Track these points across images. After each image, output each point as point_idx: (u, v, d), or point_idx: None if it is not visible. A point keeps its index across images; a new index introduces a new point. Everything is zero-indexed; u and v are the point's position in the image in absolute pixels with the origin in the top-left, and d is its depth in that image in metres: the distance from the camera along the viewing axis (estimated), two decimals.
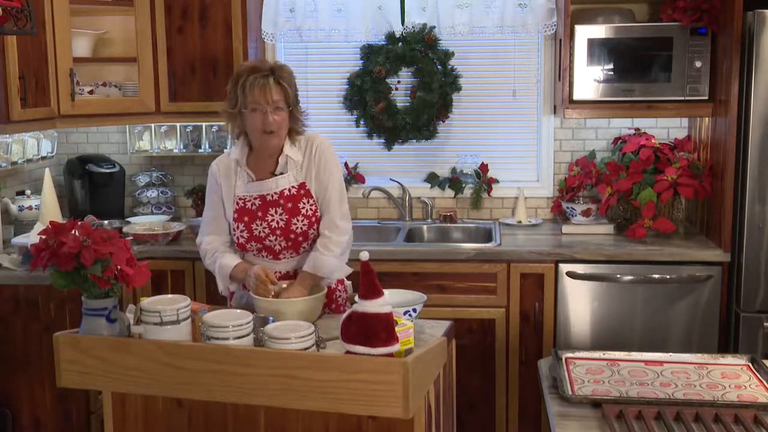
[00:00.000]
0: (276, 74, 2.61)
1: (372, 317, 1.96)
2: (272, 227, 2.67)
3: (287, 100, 2.63)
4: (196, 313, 2.15)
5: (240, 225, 2.70)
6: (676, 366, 2.42)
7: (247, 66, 2.66)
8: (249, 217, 2.69)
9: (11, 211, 3.82)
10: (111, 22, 4.03)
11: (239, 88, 2.59)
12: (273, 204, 2.68)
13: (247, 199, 2.70)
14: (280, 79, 2.60)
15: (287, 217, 2.67)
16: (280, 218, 2.67)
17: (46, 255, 2.05)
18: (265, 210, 2.68)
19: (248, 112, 2.60)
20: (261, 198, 2.69)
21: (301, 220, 2.68)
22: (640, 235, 3.48)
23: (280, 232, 2.67)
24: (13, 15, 2.61)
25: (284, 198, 2.68)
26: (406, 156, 4.19)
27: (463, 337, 3.36)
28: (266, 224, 2.67)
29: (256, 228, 2.68)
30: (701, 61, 3.46)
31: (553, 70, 3.97)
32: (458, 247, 3.54)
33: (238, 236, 2.70)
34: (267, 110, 2.59)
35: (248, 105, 2.59)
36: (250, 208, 2.69)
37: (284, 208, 2.68)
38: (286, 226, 2.67)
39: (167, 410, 2.20)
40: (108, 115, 3.80)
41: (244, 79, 2.59)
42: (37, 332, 3.23)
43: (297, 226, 2.67)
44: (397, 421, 2.03)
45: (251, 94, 2.58)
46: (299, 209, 2.68)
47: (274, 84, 2.59)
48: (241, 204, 2.70)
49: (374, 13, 3.96)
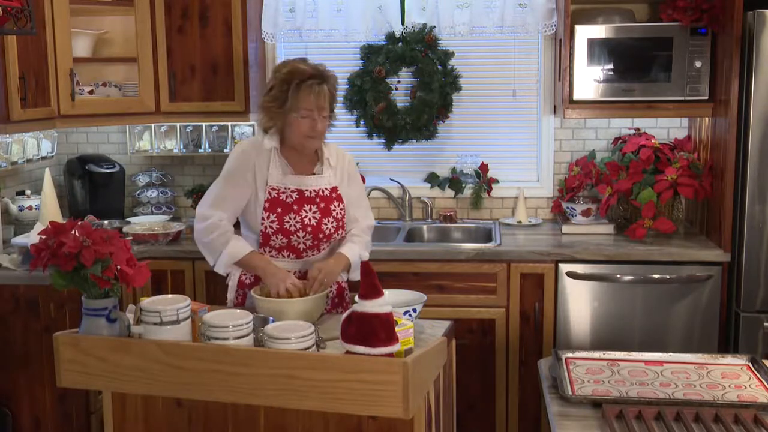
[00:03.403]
0: (328, 82, 2.63)
1: (372, 317, 1.96)
2: (304, 223, 2.68)
3: (332, 107, 2.68)
4: (196, 313, 2.15)
5: (271, 215, 2.68)
6: (676, 366, 2.42)
7: (301, 68, 2.62)
8: (282, 209, 2.68)
9: (11, 211, 3.82)
10: (111, 22, 4.03)
11: (292, 91, 2.58)
12: (309, 201, 2.70)
13: (281, 191, 2.69)
14: (330, 86, 2.63)
15: (320, 216, 2.70)
16: (313, 216, 2.70)
17: (46, 255, 2.05)
18: (300, 205, 2.69)
19: (298, 116, 2.61)
20: (299, 192, 2.70)
21: (331, 221, 2.73)
22: (640, 235, 3.48)
23: (311, 229, 2.69)
24: (13, 15, 2.62)
25: (320, 197, 2.72)
26: (406, 156, 4.19)
27: (463, 337, 3.36)
28: (299, 219, 2.68)
29: (288, 221, 2.68)
30: (701, 61, 3.46)
31: (553, 70, 3.97)
32: (458, 247, 3.54)
33: (267, 225, 2.68)
34: (316, 117, 2.60)
35: (299, 110, 2.60)
36: (285, 200, 2.69)
37: (318, 206, 2.71)
38: (317, 225, 2.70)
39: (167, 410, 2.20)
40: (108, 115, 3.80)
41: (298, 82, 2.58)
42: (37, 332, 3.23)
43: (327, 227, 2.72)
44: (397, 421, 2.03)
45: (305, 101, 2.58)
46: (330, 210, 2.73)
47: (326, 90, 2.61)
48: (274, 194, 2.69)
49: (374, 13, 3.96)
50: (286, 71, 2.63)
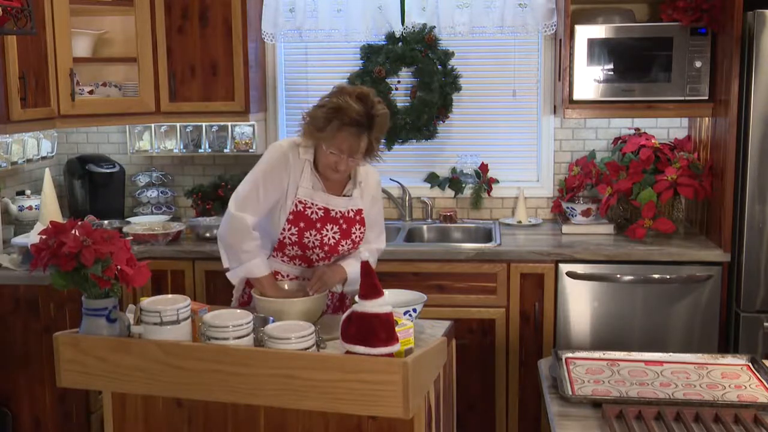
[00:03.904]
0: (373, 132, 2.52)
1: (372, 317, 1.96)
2: (323, 242, 2.66)
3: (369, 151, 2.58)
4: (196, 313, 2.15)
5: (293, 228, 2.64)
6: (676, 366, 2.42)
7: (351, 109, 2.47)
8: (305, 224, 2.64)
9: (11, 211, 3.82)
10: (111, 22, 4.03)
11: (331, 126, 2.49)
12: (333, 221, 2.67)
13: (308, 205, 2.64)
14: (373, 137, 2.54)
15: (339, 237, 2.68)
16: (333, 235, 2.67)
17: (46, 255, 2.05)
18: (324, 223, 2.66)
19: (326, 150, 2.55)
20: (325, 210, 2.66)
21: (348, 243, 2.71)
22: (640, 235, 3.48)
23: (329, 248, 2.68)
24: (13, 15, 2.62)
25: (344, 218, 2.69)
26: (406, 156, 4.19)
27: (463, 337, 3.36)
28: (319, 237, 2.65)
29: (308, 237, 2.64)
30: (701, 61, 3.46)
31: (553, 70, 3.97)
32: (458, 247, 3.54)
33: (287, 236, 2.65)
34: (344, 158, 2.54)
35: (330, 147, 2.53)
36: (310, 215, 2.64)
37: (340, 227, 2.69)
38: (335, 245, 2.68)
39: (167, 410, 2.20)
40: (108, 115, 3.80)
41: (339, 123, 2.47)
42: (37, 332, 3.23)
43: (343, 248, 2.71)
44: (397, 421, 2.03)
45: (338, 142, 2.50)
46: (351, 233, 2.71)
47: (366, 138, 2.52)
48: (300, 207, 2.63)
49: (374, 13, 3.96)
50: (336, 103, 2.49)
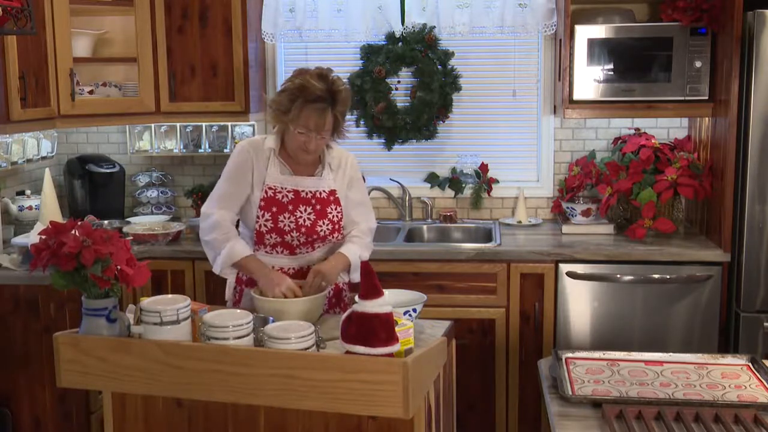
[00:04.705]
0: (336, 107, 2.60)
1: (372, 317, 1.96)
2: (298, 223, 2.70)
3: (336, 127, 2.66)
4: (196, 313, 2.15)
5: (266, 214, 2.69)
6: (676, 366, 2.42)
7: (313, 86, 2.56)
8: (277, 208, 2.70)
9: (11, 211, 3.82)
10: (111, 22, 4.03)
11: (296, 106, 2.57)
12: (305, 202, 2.71)
13: (278, 190, 2.71)
14: (338, 111, 2.62)
15: (315, 218, 2.71)
16: (308, 217, 2.71)
17: (46, 255, 2.05)
18: (296, 205, 2.70)
19: (294, 131, 2.61)
20: (295, 192, 2.71)
21: (326, 224, 2.73)
22: (640, 235, 3.48)
23: (305, 230, 2.71)
24: (13, 15, 2.62)
25: (316, 199, 2.72)
26: (406, 156, 4.19)
27: (463, 337, 3.36)
28: (294, 219, 2.69)
29: (282, 221, 2.69)
30: (701, 61, 3.46)
31: (553, 70, 3.97)
32: (458, 247, 3.54)
33: (262, 224, 2.70)
34: (312, 136, 2.60)
35: (297, 126, 2.59)
36: (281, 199, 2.70)
37: (313, 208, 2.72)
38: (312, 226, 2.71)
39: (167, 410, 2.20)
40: (108, 115, 3.80)
41: (303, 101, 2.56)
42: (37, 332, 3.23)
43: (322, 229, 2.72)
44: (397, 421, 2.03)
45: (306, 120, 2.58)
46: (326, 213, 2.73)
47: (330, 114, 2.60)
48: (270, 193, 2.70)
49: (374, 13, 3.96)
50: (298, 83, 2.58)
